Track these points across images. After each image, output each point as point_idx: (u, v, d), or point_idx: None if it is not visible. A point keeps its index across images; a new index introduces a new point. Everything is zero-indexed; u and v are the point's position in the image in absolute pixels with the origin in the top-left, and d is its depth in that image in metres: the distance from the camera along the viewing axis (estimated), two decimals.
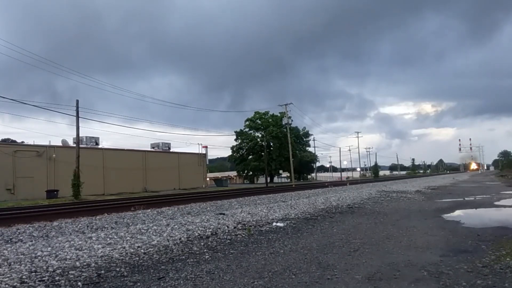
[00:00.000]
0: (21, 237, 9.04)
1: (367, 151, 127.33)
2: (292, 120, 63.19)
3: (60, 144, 41.80)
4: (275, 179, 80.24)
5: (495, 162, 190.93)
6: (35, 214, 14.45)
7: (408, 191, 22.02)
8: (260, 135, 71.66)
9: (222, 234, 8.24)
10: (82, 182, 31.19)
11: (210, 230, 8.61)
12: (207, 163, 67.49)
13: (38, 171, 35.91)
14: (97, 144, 44.33)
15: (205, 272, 5.27)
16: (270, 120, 72.56)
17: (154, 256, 6.36)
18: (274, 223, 9.82)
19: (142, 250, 6.66)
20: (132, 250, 6.62)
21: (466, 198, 17.81)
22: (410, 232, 8.17)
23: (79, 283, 4.84)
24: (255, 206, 14.56)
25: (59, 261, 5.79)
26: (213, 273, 5.21)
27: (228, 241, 7.64)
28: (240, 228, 9.06)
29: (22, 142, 39.03)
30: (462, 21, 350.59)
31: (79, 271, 5.35)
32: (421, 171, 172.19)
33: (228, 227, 9.07)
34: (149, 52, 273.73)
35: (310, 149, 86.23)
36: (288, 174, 71.76)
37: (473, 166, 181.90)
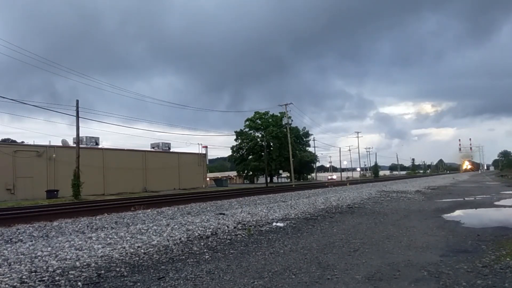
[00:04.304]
0: (21, 237, 9.03)
1: (367, 151, 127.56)
2: (292, 120, 63.43)
3: (60, 144, 41.80)
4: (275, 179, 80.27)
5: (495, 162, 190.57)
6: (35, 214, 14.45)
7: (408, 191, 22.01)
8: (260, 135, 71.69)
9: (222, 234, 8.24)
10: (82, 182, 31.18)
11: (210, 230, 8.61)
12: (207, 163, 67.53)
13: (38, 171, 35.91)
14: (97, 144, 44.34)
15: (205, 272, 5.27)
16: (270, 120, 72.59)
17: (154, 256, 6.35)
18: (274, 223, 9.82)
19: (142, 250, 6.66)
20: (132, 250, 6.61)
21: (466, 198, 17.81)
22: (410, 232, 8.17)
23: (79, 283, 4.84)
24: (255, 206, 14.56)
25: (59, 261, 5.79)
26: (213, 273, 5.21)
27: (228, 241, 7.64)
28: (240, 228, 9.06)
29: (22, 142, 39.03)
30: (460, 21, 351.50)
31: (79, 271, 5.35)
32: (421, 171, 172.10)
33: (228, 227, 9.07)
34: (148, 52, 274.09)
35: (310, 149, 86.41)
36: (288, 174, 71.79)
37: (466, 165, 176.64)
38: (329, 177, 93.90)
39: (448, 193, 21.75)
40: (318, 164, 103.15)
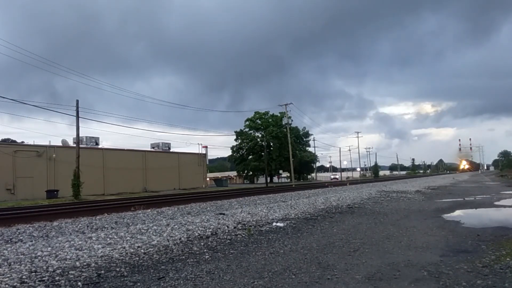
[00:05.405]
0: (21, 237, 9.03)
1: (367, 151, 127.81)
2: (292, 120, 63.50)
3: (60, 144, 41.80)
4: (275, 179, 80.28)
5: (495, 162, 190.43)
6: (35, 214, 14.44)
7: (408, 191, 22.01)
8: (260, 135, 71.71)
9: (222, 234, 8.24)
10: (82, 182, 31.18)
11: (210, 230, 8.61)
12: (207, 163, 67.54)
13: (38, 171, 35.92)
14: (97, 144, 44.35)
15: (205, 272, 5.27)
16: (270, 120, 72.61)
17: (154, 256, 6.35)
18: (274, 223, 9.82)
19: (142, 250, 6.66)
20: (132, 250, 6.61)
21: (466, 198, 17.80)
22: (410, 232, 8.17)
23: (79, 283, 4.84)
24: (255, 206, 14.55)
25: (59, 261, 5.79)
26: (213, 273, 5.21)
27: (228, 241, 7.64)
28: (240, 228, 9.06)
29: (22, 142, 39.03)
30: (460, 21, 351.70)
31: (79, 271, 5.35)
32: (421, 171, 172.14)
33: (228, 227, 9.06)
34: (148, 52, 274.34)
35: (310, 149, 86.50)
36: (288, 174, 71.82)
37: (464, 165, 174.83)
38: (332, 177, 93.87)
39: (448, 193, 21.75)
40: (318, 164, 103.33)
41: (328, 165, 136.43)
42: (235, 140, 73.87)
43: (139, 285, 4.76)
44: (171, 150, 54.25)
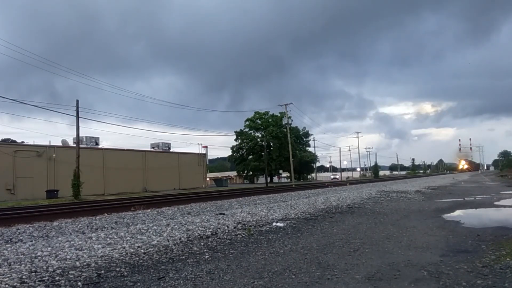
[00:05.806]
0: (21, 237, 9.03)
1: (367, 151, 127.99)
2: (292, 120, 63.57)
3: (60, 144, 41.81)
4: (275, 179, 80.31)
5: (495, 162, 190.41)
6: (35, 214, 14.45)
7: (408, 191, 22.01)
8: (260, 135, 71.73)
9: (222, 234, 8.24)
10: (82, 182, 31.19)
11: (210, 230, 8.61)
12: (207, 163, 67.57)
13: (38, 171, 35.92)
14: (97, 144, 44.35)
15: (205, 272, 5.27)
16: (270, 120, 72.63)
17: (154, 256, 6.35)
18: (274, 223, 9.82)
19: (142, 250, 6.66)
20: (132, 250, 6.61)
21: (466, 198, 17.81)
22: (410, 232, 8.17)
23: (79, 283, 4.84)
24: (255, 206, 14.55)
25: (59, 261, 5.79)
26: (213, 273, 5.21)
27: (228, 241, 7.64)
28: (240, 228, 9.06)
29: (22, 142, 39.03)
30: (460, 21, 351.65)
31: (79, 271, 5.35)
32: (421, 171, 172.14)
33: (228, 227, 9.07)
34: (148, 52, 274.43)
35: (310, 149, 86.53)
36: (288, 174, 71.84)
37: (462, 165, 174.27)
38: (332, 177, 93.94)
39: (448, 193, 21.75)
40: (318, 164, 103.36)
41: (328, 165, 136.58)
42: (235, 140, 73.99)
43: (139, 285, 4.76)
44: (171, 150, 54.26)
